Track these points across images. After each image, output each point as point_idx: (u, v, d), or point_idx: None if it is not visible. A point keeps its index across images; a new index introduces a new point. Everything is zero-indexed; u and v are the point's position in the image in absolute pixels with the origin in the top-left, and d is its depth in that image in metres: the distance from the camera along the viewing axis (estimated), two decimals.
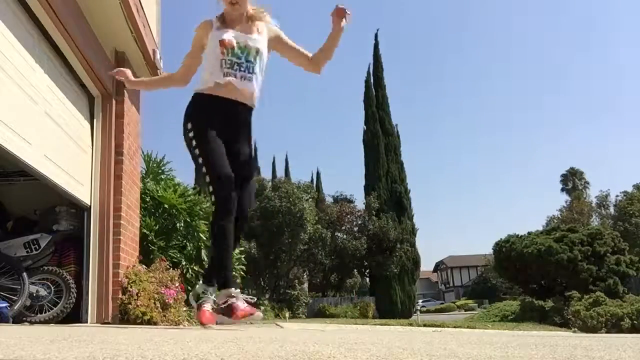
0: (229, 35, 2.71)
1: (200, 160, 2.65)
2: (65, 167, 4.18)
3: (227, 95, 2.72)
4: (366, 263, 27.72)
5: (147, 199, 6.22)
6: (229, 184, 2.58)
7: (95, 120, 4.87)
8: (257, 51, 2.77)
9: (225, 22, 2.82)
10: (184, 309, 5.53)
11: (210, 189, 2.61)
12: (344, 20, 2.81)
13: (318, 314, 24.40)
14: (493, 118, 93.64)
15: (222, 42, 2.68)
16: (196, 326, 5.56)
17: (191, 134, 2.71)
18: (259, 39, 2.81)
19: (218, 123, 2.70)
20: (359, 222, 27.64)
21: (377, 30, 33.10)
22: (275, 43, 2.90)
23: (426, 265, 42.86)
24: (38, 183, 4.16)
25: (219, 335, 1.98)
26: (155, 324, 4.59)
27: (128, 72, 3.15)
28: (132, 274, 4.77)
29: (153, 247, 5.88)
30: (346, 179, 79.41)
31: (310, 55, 2.94)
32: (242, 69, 2.72)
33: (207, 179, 2.61)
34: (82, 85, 4.72)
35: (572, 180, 47.21)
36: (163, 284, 5.03)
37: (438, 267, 61.19)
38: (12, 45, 3.40)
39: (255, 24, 2.84)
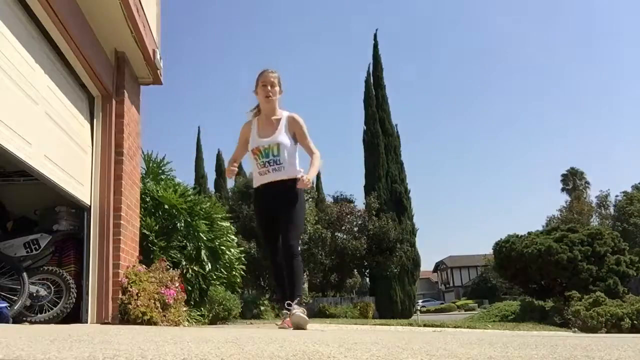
0: (256, 143, 3.71)
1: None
2: (65, 167, 4.18)
3: (267, 182, 3.70)
4: (366, 263, 27.70)
5: (147, 199, 6.22)
6: (272, 252, 3.80)
7: (95, 120, 4.87)
8: (278, 145, 3.66)
9: (259, 120, 3.81)
10: (184, 309, 5.53)
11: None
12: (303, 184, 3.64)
13: (318, 314, 24.37)
14: (493, 118, 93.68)
15: (253, 152, 3.73)
16: (196, 326, 5.57)
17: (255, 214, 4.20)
18: (279, 133, 3.70)
19: (266, 202, 3.77)
20: (359, 222, 27.61)
21: (377, 30, 33.10)
22: (295, 135, 3.77)
23: (426, 265, 42.88)
24: (38, 183, 4.16)
25: (219, 335, 1.98)
26: (155, 324, 4.59)
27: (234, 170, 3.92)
28: (132, 274, 4.77)
29: (153, 247, 5.88)
30: (346, 179, 79.38)
31: (313, 153, 3.79)
32: (271, 164, 3.66)
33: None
34: (82, 85, 4.71)
35: (572, 180, 47.18)
36: (163, 284, 5.03)
37: (438, 267, 61.19)
38: (12, 45, 3.40)
39: (280, 117, 3.77)
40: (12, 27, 3.39)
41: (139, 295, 4.57)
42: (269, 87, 3.76)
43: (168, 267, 5.42)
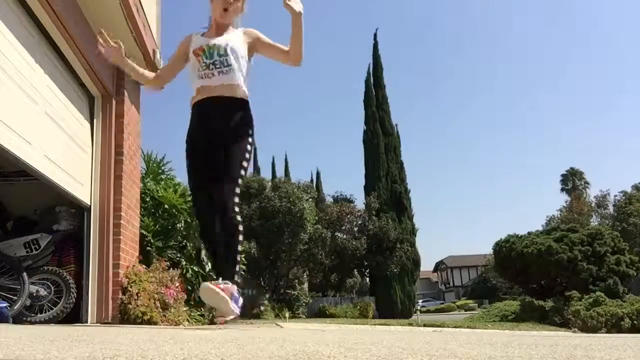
0: (199, 43, 2.90)
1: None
2: (65, 167, 4.18)
3: (209, 95, 2.83)
4: (366, 263, 27.69)
5: (147, 199, 6.22)
6: (201, 208, 2.82)
7: (95, 120, 4.87)
8: (226, 45, 2.86)
9: (208, 31, 2.97)
10: (184, 308, 5.53)
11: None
12: (295, 4, 2.78)
13: (318, 314, 24.38)
14: (493, 118, 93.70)
15: (194, 52, 2.88)
16: (196, 326, 5.57)
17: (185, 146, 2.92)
18: (229, 36, 2.92)
19: (204, 127, 2.84)
20: (359, 222, 27.61)
21: (376, 30, 33.09)
22: (256, 45, 2.98)
23: (426, 265, 42.86)
24: (38, 183, 4.16)
25: (219, 335, 1.98)
26: (155, 324, 4.59)
27: (118, 51, 2.95)
28: (132, 274, 4.77)
29: (150, 248, 5.87)
30: (346, 179, 79.42)
31: (287, 49, 2.95)
32: (217, 66, 2.82)
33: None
34: (82, 85, 4.71)
35: (572, 180, 47.16)
36: (163, 284, 5.03)
37: (438, 267, 61.16)
38: (12, 45, 3.40)
39: (232, 30, 2.98)
40: (12, 27, 3.39)
41: (139, 295, 4.57)
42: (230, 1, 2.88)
43: (168, 267, 5.42)
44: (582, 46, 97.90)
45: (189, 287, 6.28)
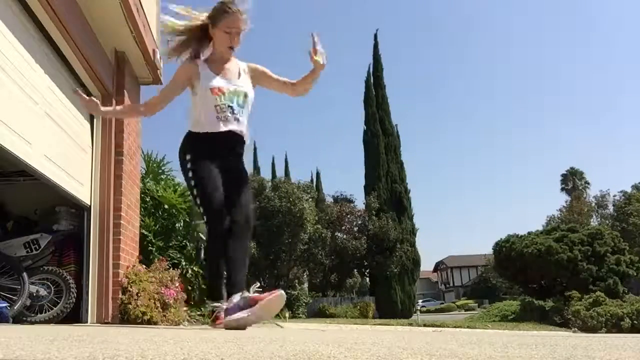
0: (219, 83, 2.90)
1: (195, 191, 2.86)
2: (65, 167, 4.18)
3: (220, 130, 2.89)
4: (366, 263, 27.71)
5: (147, 199, 6.23)
6: (220, 214, 2.79)
7: (95, 120, 4.87)
8: (245, 95, 2.96)
9: (209, 62, 2.97)
10: (184, 309, 5.54)
11: (204, 218, 2.84)
12: (320, 58, 2.95)
13: (318, 314, 24.38)
14: (493, 118, 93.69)
15: (212, 90, 2.87)
16: (195, 326, 5.57)
17: (189, 165, 2.88)
18: (245, 81, 3.00)
19: (213, 155, 2.87)
20: (359, 222, 27.63)
21: (377, 30, 33.10)
22: (260, 80, 3.10)
23: (426, 265, 42.85)
24: (38, 183, 4.16)
25: (219, 335, 1.98)
26: (155, 324, 4.59)
27: (96, 101, 3.17)
28: (132, 274, 4.77)
29: (151, 248, 5.88)
30: (346, 178, 79.44)
31: (292, 82, 3.12)
32: (234, 112, 2.90)
33: (201, 209, 2.84)
34: (82, 85, 4.71)
35: (572, 180, 47.15)
36: (163, 284, 5.03)
37: (438, 267, 61.16)
38: (12, 45, 3.40)
39: (238, 65, 3.02)
40: (13, 28, 3.39)
41: (139, 295, 4.57)
42: (237, 38, 2.92)
43: (168, 267, 5.42)
44: (582, 46, 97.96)
45: (189, 287, 6.29)
